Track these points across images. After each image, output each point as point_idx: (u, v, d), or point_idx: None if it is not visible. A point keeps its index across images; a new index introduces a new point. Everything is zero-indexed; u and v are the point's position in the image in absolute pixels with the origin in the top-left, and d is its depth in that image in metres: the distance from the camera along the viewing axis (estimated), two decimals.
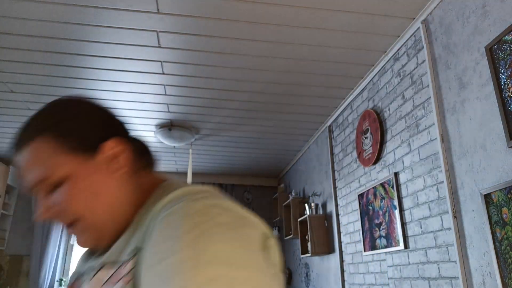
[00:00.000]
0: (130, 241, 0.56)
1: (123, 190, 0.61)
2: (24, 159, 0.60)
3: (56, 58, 2.34)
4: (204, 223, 0.46)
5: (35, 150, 0.59)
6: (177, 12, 1.93)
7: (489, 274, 1.45)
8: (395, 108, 2.21)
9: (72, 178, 0.58)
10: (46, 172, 0.57)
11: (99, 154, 0.60)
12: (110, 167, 0.60)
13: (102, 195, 0.59)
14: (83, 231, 0.59)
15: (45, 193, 0.58)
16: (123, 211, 0.60)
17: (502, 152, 1.41)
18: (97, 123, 0.64)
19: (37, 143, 0.59)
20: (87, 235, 0.59)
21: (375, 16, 1.97)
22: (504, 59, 1.41)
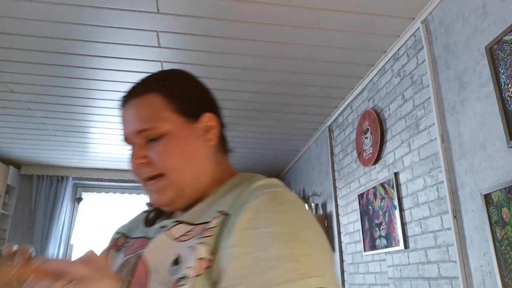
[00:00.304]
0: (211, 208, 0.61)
1: (208, 161, 0.67)
2: (135, 108, 0.65)
3: (56, 58, 2.34)
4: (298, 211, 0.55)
5: (147, 102, 0.64)
6: (177, 12, 1.93)
7: (489, 274, 1.45)
8: (395, 108, 2.21)
9: (172, 135, 0.63)
10: (152, 123, 0.62)
11: (198, 123, 0.66)
12: (203, 136, 0.66)
13: (193, 158, 0.64)
14: (164, 187, 0.62)
15: (143, 142, 0.63)
16: (204, 179, 0.66)
17: (502, 152, 1.41)
18: (201, 95, 0.70)
19: (150, 97, 0.65)
20: (166, 192, 0.63)
21: (375, 16, 1.97)
22: (504, 59, 1.41)
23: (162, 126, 0.62)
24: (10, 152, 4.16)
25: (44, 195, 4.56)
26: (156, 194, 0.63)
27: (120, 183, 4.90)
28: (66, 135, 3.63)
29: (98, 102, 2.94)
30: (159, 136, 0.62)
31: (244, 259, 0.49)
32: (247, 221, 0.52)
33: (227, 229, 0.54)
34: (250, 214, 0.53)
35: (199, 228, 0.58)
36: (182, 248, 0.56)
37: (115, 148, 3.99)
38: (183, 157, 0.63)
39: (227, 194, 0.62)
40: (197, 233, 0.57)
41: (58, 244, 4.49)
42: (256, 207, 0.54)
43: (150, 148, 0.62)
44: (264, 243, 0.50)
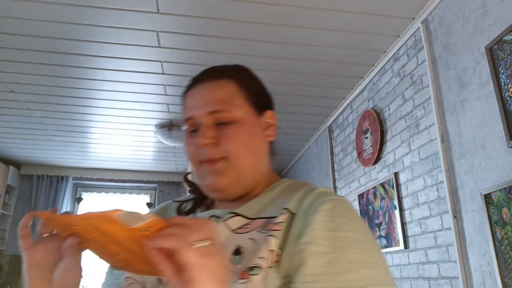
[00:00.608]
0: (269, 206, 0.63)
1: (265, 156, 0.70)
2: (210, 89, 0.66)
3: (56, 58, 2.34)
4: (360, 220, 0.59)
5: (223, 86, 0.66)
6: (177, 12, 1.93)
7: (489, 274, 1.45)
8: (395, 108, 2.21)
9: (242, 122, 0.64)
10: (227, 106, 0.64)
11: (262, 117, 0.69)
12: (264, 131, 0.69)
13: (256, 148, 0.66)
14: (224, 170, 0.63)
15: (212, 124, 0.64)
16: (260, 171, 0.68)
17: (502, 152, 1.41)
18: (266, 93, 0.75)
19: (226, 82, 0.67)
20: (226, 176, 0.63)
21: (375, 16, 1.97)
22: (504, 59, 1.41)
23: (235, 111, 0.64)
24: (10, 152, 4.16)
25: (44, 195, 4.56)
26: (215, 176, 0.63)
27: (120, 183, 4.90)
28: (66, 135, 3.63)
29: (98, 102, 2.94)
30: (230, 120, 0.64)
31: (323, 258, 0.51)
32: (323, 222, 0.54)
33: (297, 227, 0.56)
34: (325, 216, 0.55)
35: (259, 223, 0.60)
36: (243, 239, 0.58)
37: (115, 148, 3.99)
38: (249, 144, 0.64)
39: (286, 195, 0.64)
40: (257, 227, 0.59)
41: None
42: (330, 210, 0.56)
43: (218, 130, 0.63)
44: (342, 246, 0.52)
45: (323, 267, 0.50)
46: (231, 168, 0.63)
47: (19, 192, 4.65)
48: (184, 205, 0.74)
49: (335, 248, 0.52)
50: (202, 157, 0.63)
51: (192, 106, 0.66)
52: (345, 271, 0.50)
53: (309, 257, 0.51)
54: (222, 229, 0.61)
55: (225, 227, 0.61)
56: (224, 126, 0.63)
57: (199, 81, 0.68)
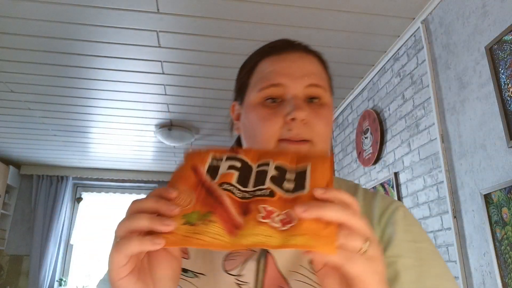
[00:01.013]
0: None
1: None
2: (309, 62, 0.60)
3: (56, 58, 2.34)
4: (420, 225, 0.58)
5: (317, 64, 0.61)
6: (177, 12, 1.93)
7: (489, 274, 1.45)
8: (395, 108, 2.21)
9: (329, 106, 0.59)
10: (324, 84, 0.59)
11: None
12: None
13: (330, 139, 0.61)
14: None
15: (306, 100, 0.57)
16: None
17: (502, 152, 1.41)
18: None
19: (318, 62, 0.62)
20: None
21: (375, 16, 1.97)
22: (504, 59, 1.41)
23: (325, 94, 0.59)
24: (10, 152, 4.16)
25: (44, 195, 4.56)
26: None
27: (120, 183, 4.90)
28: (66, 135, 3.63)
29: (98, 102, 2.94)
30: (322, 101, 0.58)
31: (414, 272, 0.50)
32: (403, 233, 0.53)
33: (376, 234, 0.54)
34: (403, 226, 0.54)
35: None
36: None
37: (115, 148, 3.99)
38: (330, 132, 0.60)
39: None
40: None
41: (58, 244, 4.49)
42: (404, 219, 0.55)
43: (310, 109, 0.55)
44: (425, 258, 0.52)
45: (416, 282, 0.50)
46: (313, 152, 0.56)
47: (19, 192, 4.65)
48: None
49: (420, 260, 0.52)
50: (289, 135, 0.54)
51: (285, 72, 0.56)
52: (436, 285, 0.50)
53: (403, 270, 0.50)
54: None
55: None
56: (315, 105, 0.56)
57: (291, 47, 0.61)
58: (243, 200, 0.39)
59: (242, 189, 0.40)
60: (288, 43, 0.63)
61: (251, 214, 0.37)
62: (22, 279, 4.37)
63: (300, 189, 0.39)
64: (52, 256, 4.38)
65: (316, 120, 0.55)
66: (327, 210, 0.35)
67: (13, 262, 4.41)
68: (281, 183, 0.40)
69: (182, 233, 0.36)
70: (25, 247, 4.45)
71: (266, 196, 0.38)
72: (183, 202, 0.39)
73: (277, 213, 0.37)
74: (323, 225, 0.35)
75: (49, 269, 4.33)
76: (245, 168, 0.42)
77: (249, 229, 0.36)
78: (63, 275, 4.57)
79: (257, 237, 0.35)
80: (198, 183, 0.41)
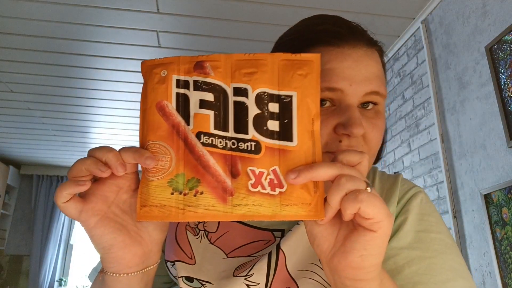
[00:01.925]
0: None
1: None
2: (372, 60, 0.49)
3: (56, 58, 2.34)
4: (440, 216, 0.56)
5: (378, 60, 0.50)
6: (177, 12, 1.93)
7: (489, 274, 1.45)
8: (395, 108, 2.21)
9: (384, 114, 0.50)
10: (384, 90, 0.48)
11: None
12: None
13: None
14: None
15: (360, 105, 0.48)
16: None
17: (502, 152, 1.41)
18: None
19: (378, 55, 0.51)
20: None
21: (375, 16, 1.97)
22: (504, 59, 1.41)
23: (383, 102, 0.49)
24: (10, 152, 4.16)
25: (44, 195, 4.56)
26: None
27: None
28: (66, 135, 3.63)
29: (98, 102, 2.94)
30: (379, 110, 0.49)
31: (420, 264, 0.47)
32: (416, 222, 0.51)
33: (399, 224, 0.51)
34: (416, 214, 0.52)
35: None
36: None
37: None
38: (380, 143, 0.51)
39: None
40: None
41: (58, 244, 4.49)
42: (420, 208, 0.52)
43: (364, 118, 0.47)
44: (437, 249, 0.49)
45: (422, 274, 0.46)
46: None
47: (19, 192, 4.65)
48: None
49: (431, 252, 0.48)
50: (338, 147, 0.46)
51: (346, 75, 0.46)
52: (445, 280, 0.46)
53: (407, 262, 0.47)
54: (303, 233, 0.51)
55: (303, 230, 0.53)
56: (370, 113, 0.48)
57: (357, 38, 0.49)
58: (227, 152, 0.37)
59: (223, 134, 0.38)
60: (353, 30, 0.51)
61: (240, 179, 0.37)
62: (22, 279, 4.37)
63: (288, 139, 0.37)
64: (52, 256, 4.38)
65: (373, 133, 0.48)
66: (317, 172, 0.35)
67: (13, 262, 4.41)
68: (265, 123, 0.37)
69: (174, 205, 0.37)
70: (25, 247, 4.45)
71: (252, 153, 0.37)
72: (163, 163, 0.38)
73: (265, 174, 0.37)
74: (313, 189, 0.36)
75: (49, 269, 4.33)
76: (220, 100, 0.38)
77: (240, 199, 0.36)
78: (63, 275, 4.57)
79: (249, 208, 0.36)
80: (171, 130, 0.38)
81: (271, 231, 0.54)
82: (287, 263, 0.50)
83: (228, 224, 0.55)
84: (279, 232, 0.54)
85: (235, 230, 0.54)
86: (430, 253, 0.48)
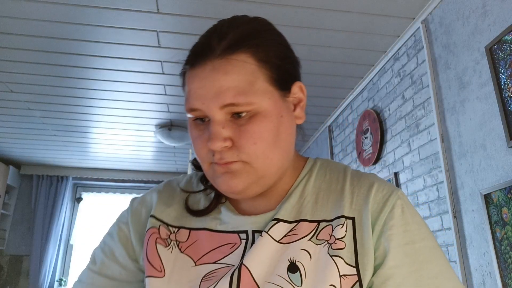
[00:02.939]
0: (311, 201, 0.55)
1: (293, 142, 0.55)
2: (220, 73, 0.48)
3: (56, 58, 2.34)
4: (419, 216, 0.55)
5: (237, 66, 0.48)
6: (177, 12, 1.93)
7: (489, 274, 1.45)
8: (395, 108, 2.21)
9: (267, 114, 0.49)
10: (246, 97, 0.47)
11: (290, 94, 0.53)
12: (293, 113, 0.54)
13: (284, 142, 0.52)
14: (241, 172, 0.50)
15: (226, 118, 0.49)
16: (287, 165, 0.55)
17: (502, 152, 1.41)
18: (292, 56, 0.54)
19: (245, 58, 0.49)
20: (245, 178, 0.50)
21: (375, 16, 1.97)
22: (504, 59, 1.41)
23: (257, 102, 0.48)
24: (10, 152, 4.16)
25: (44, 195, 4.56)
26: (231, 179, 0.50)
27: (120, 183, 4.90)
28: (66, 135, 3.63)
29: (98, 102, 2.94)
30: (251, 113, 0.48)
31: (412, 278, 0.49)
32: (399, 236, 0.51)
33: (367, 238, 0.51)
34: (399, 227, 0.51)
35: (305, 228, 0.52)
36: (294, 251, 0.50)
37: (115, 148, 3.99)
38: (276, 141, 0.50)
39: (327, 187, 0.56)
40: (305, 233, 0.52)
41: (58, 244, 4.49)
42: (401, 218, 0.52)
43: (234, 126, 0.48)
44: (423, 260, 0.50)
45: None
46: (250, 170, 0.50)
47: (19, 192, 4.65)
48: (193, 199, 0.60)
49: (417, 265, 0.49)
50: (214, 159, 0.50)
51: (198, 95, 0.49)
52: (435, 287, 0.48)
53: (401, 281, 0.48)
54: (267, 243, 0.51)
55: (269, 239, 0.51)
56: (243, 120, 0.49)
57: (205, 55, 0.50)
58: None
59: None
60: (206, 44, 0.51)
61: None
62: (22, 279, 4.37)
63: None
64: (52, 256, 4.38)
65: (244, 139, 0.48)
66: None
67: (13, 262, 4.41)
68: None
69: None
70: (25, 247, 4.45)
71: None
72: None
73: None
74: None
75: (49, 269, 4.33)
76: None
77: None
78: (63, 275, 4.57)
79: None
80: None
81: (237, 232, 0.54)
82: (254, 275, 0.50)
83: (197, 232, 0.56)
84: (243, 233, 0.54)
85: (204, 237, 0.55)
86: (417, 265, 0.49)
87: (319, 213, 0.54)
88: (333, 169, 0.60)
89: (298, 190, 0.56)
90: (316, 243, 0.51)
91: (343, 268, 0.49)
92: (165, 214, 0.59)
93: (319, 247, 0.51)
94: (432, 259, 0.50)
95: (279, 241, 0.51)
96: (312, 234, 0.52)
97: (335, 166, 0.61)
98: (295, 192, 0.56)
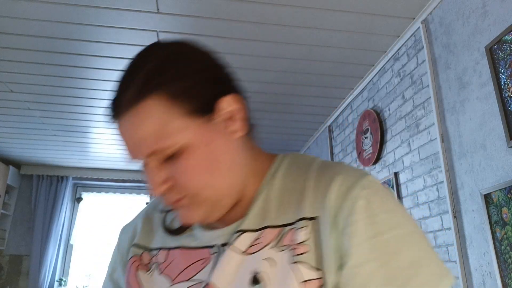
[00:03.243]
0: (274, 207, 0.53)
1: (240, 156, 0.53)
2: (133, 125, 0.49)
3: (56, 58, 2.34)
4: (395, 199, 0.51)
5: (147, 112, 0.48)
6: (177, 12, 1.93)
7: (489, 274, 1.45)
8: (395, 108, 2.21)
9: (192, 147, 0.48)
10: (164, 141, 0.47)
11: (216, 115, 0.51)
12: (227, 129, 0.52)
13: (223, 164, 0.51)
14: (195, 205, 0.50)
15: (158, 163, 0.49)
16: (241, 178, 0.53)
17: (502, 152, 1.41)
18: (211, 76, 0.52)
19: (150, 103, 0.48)
20: (200, 210, 0.51)
21: (375, 16, 1.97)
22: (504, 59, 1.41)
23: (178, 141, 0.48)
24: (10, 152, 4.16)
25: (44, 195, 4.56)
26: (187, 212, 0.51)
27: (120, 183, 4.90)
28: (66, 135, 3.63)
29: (98, 102, 2.94)
30: (177, 152, 0.48)
31: (377, 276, 0.44)
32: (364, 230, 0.46)
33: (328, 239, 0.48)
34: (363, 220, 0.47)
35: (269, 234, 0.50)
36: (257, 262, 0.49)
37: (115, 148, 3.99)
38: (212, 168, 0.50)
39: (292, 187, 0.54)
40: (269, 241, 0.50)
41: (58, 244, 4.49)
42: (366, 210, 0.47)
43: (168, 167, 0.49)
44: (392, 251, 0.45)
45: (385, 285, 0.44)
46: (200, 201, 0.50)
47: (19, 192, 4.65)
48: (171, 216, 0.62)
49: (386, 257, 0.45)
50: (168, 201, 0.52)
51: (127, 148, 0.51)
52: (406, 280, 0.44)
53: (364, 280, 0.45)
54: (231, 257, 0.51)
55: (233, 252, 0.51)
56: (174, 159, 0.49)
57: (116, 111, 0.52)
58: None
59: None
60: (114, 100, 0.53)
61: None
62: (22, 279, 4.37)
63: None
64: (52, 256, 4.38)
65: (181, 178, 0.49)
66: None
67: (13, 262, 4.41)
68: None
69: None
70: (25, 247, 4.45)
71: None
72: None
73: None
74: None
75: (49, 269, 4.33)
76: None
77: None
78: (63, 275, 4.57)
79: None
80: None
81: (207, 247, 0.55)
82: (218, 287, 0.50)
83: (174, 251, 0.57)
84: (212, 248, 0.54)
85: (179, 255, 0.56)
86: (385, 258, 0.45)
87: (283, 217, 0.51)
88: (300, 164, 0.56)
89: (262, 195, 0.54)
90: (278, 250, 0.49)
91: (308, 273, 0.46)
92: (148, 240, 0.61)
93: (281, 254, 0.48)
94: (403, 248, 0.46)
95: (244, 252, 0.50)
96: (275, 241, 0.50)
97: (302, 160, 0.57)
98: (259, 198, 0.54)
